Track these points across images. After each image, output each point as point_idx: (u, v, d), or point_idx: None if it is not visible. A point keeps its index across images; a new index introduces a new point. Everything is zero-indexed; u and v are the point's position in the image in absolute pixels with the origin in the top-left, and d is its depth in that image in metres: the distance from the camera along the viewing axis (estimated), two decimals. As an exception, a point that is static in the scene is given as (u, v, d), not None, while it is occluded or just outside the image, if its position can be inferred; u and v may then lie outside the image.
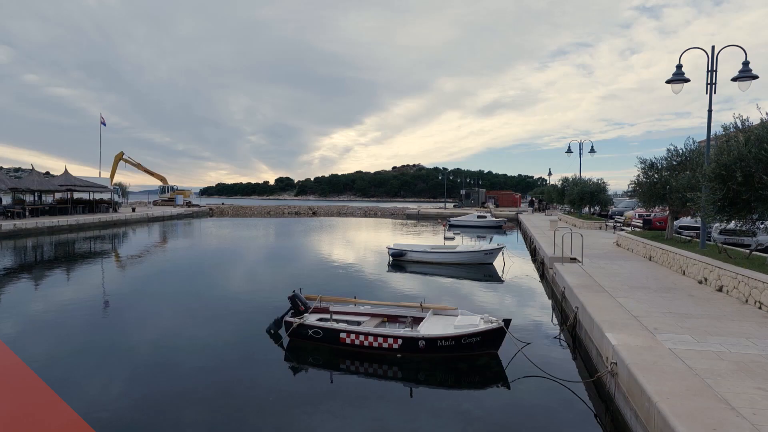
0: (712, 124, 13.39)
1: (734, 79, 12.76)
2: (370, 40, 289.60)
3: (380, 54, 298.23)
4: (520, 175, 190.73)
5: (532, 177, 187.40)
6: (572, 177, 38.05)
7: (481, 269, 19.35)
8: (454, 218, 44.14)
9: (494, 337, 8.54)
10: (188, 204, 67.53)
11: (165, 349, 9.46)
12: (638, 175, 16.64)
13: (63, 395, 7.38)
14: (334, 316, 9.73)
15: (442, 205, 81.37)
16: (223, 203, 79.08)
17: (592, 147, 33.32)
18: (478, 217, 42.58)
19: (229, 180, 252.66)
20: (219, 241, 32.17)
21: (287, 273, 19.10)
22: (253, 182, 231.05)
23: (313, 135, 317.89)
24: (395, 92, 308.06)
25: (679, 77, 13.50)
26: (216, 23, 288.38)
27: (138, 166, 69.61)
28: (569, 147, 34.37)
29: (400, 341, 8.44)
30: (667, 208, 17.20)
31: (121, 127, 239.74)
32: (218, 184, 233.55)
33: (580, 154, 34.43)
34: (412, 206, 79.47)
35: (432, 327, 8.86)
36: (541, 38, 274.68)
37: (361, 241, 32.51)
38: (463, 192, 76.25)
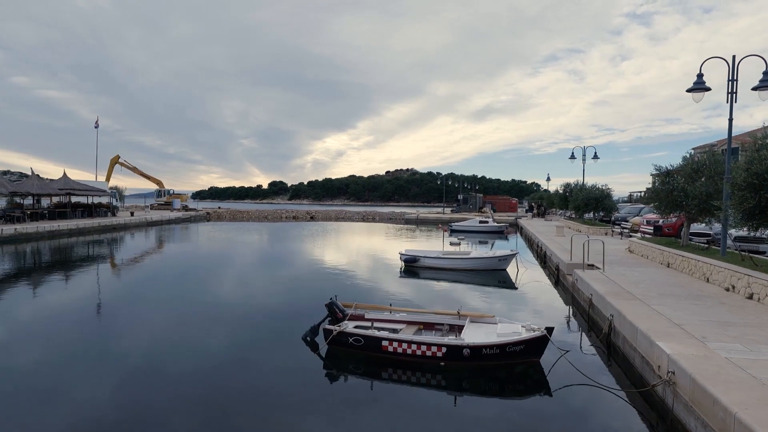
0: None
1: (755, 89, 12.93)
2: (364, 44, 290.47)
3: (374, 58, 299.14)
4: (513, 180, 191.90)
5: (525, 182, 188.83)
6: (574, 183, 38.41)
7: (495, 275, 19.37)
8: (456, 223, 44.26)
9: (538, 345, 8.55)
10: (185, 208, 67.08)
11: (199, 359, 9.34)
12: (654, 182, 16.78)
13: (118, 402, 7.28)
14: (371, 324, 9.69)
15: (439, 209, 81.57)
16: (219, 207, 78.67)
17: (596, 153, 33.62)
18: (480, 222, 42.75)
19: (221, 183, 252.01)
20: (224, 246, 31.96)
21: (302, 279, 19.01)
22: (246, 186, 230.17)
23: (306, 139, 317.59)
24: (388, 96, 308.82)
25: (700, 86, 13.64)
26: (210, 26, 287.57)
27: (134, 169, 69.23)
28: (572, 153, 34.65)
29: (444, 349, 8.42)
30: (681, 215, 17.33)
31: (113, 129, 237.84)
32: (211, 188, 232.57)
33: (584, 160, 34.71)
34: (410, 211, 79.55)
35: (474, 335, 8.85)
36: (533, 44, 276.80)
37: (367, 247, 32.47)
38: (460, 197, 76.45)
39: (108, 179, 64.39)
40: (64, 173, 41.61)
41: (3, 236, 29.17)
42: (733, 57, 13.39)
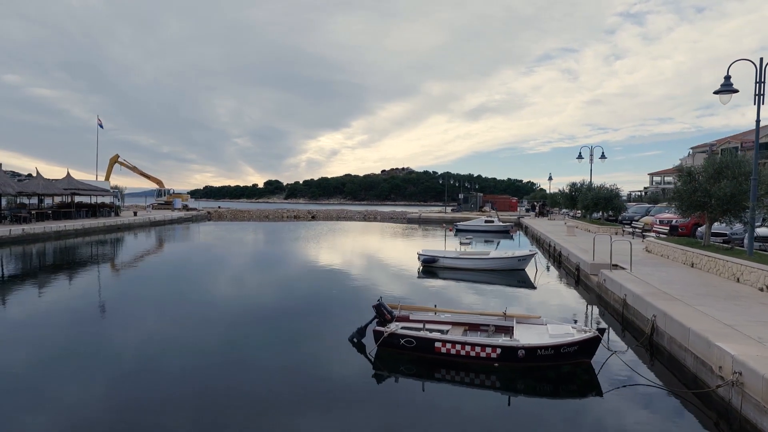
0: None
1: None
2: (358, 44, 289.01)
3: (368, 58, 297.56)
4: (509, 179, 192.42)
5: (521, 181, 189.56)
6: (581, 182, 38.67)
7: (514, 275, 19.48)
8: (461, 223, 44.41)
9: (590, 345, 8.64)
10: (186, 208, 66.78)
11: (243, 361, 9.35)
12: (676, 183, 16.95)
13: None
14: (417, 325, 9.74)
15: (437, 208, 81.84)
16: (219, 207, 78.39)
17: (603, 153, 33.89)
18: (486, 221, 42.95)
19: (216, 183, 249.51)
20: (236, 247, 31.90)
21: (323, 279, 18.97)
22: (241, 185, 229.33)
23: (300, 138, 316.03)
24: (383, 96, 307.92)
25: (727, 88, 13.80)
26: (203, 25, 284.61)
27: (134, 169, 68.88)
28: (580, 153, 34.91)
29: (498, 350, 8.48)
30: (702, 214, 17.49)
31: (106, 128, 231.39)
32: (206, 187, 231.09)
33: (591, 160, 34.96)
34: (408, 210, 79.57)
35: (527, 336, 8.93)
36: (527, 44, 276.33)
37: (378, 246, 32.52)
38: (461, 196, 76.73)
39: (107, 179, 63.97)
40: (68, 173, 41.30)
41: (12, 237, 28.94)
42: (761, 60, 13.55)
